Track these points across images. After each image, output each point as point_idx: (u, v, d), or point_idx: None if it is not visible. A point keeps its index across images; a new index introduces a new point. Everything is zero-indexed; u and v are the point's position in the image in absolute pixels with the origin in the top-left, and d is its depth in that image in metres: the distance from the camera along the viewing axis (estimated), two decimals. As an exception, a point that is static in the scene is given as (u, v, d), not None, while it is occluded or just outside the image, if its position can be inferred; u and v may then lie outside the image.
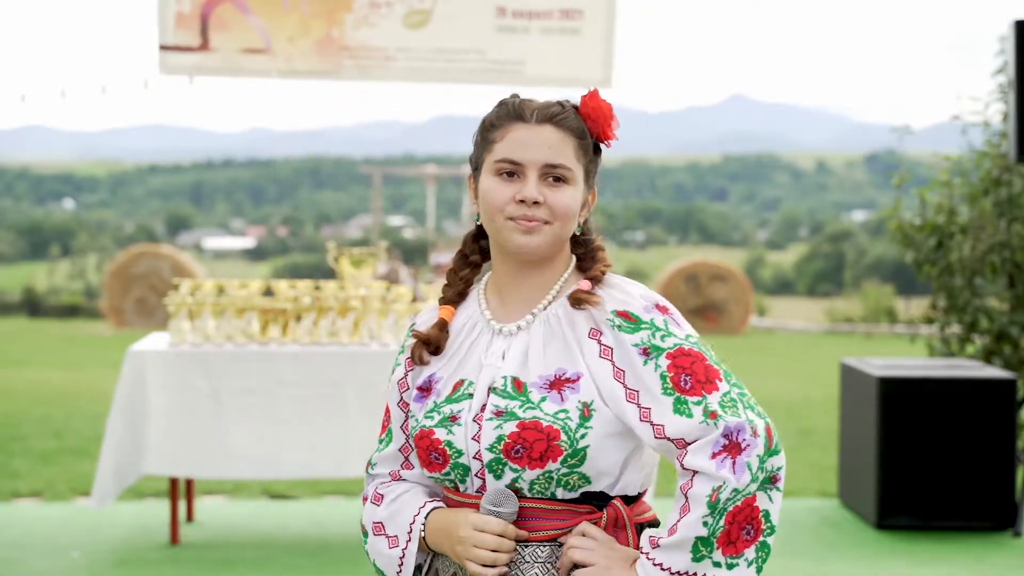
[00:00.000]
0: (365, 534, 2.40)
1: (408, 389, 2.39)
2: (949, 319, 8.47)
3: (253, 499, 7.37)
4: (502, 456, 2.21)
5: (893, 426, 6.55)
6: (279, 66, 6.66)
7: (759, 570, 2.19)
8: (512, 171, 2.28)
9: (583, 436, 2.20)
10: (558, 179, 2.27)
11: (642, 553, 2.19)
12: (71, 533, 6.41)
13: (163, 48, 6.60)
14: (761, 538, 2.18)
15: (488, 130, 2.32)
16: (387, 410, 2.43)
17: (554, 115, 2.28)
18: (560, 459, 2.19)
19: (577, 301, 2.25)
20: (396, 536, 2.33)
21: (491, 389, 2.26)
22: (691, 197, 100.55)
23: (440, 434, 2.26)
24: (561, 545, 2.24)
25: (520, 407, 2.22)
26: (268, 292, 6.35)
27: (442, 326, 2.36)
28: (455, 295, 2.40)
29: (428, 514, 2.31)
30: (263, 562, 5.95)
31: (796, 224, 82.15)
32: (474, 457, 2.23)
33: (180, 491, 6.29)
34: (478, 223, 2.38)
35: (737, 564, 2.16)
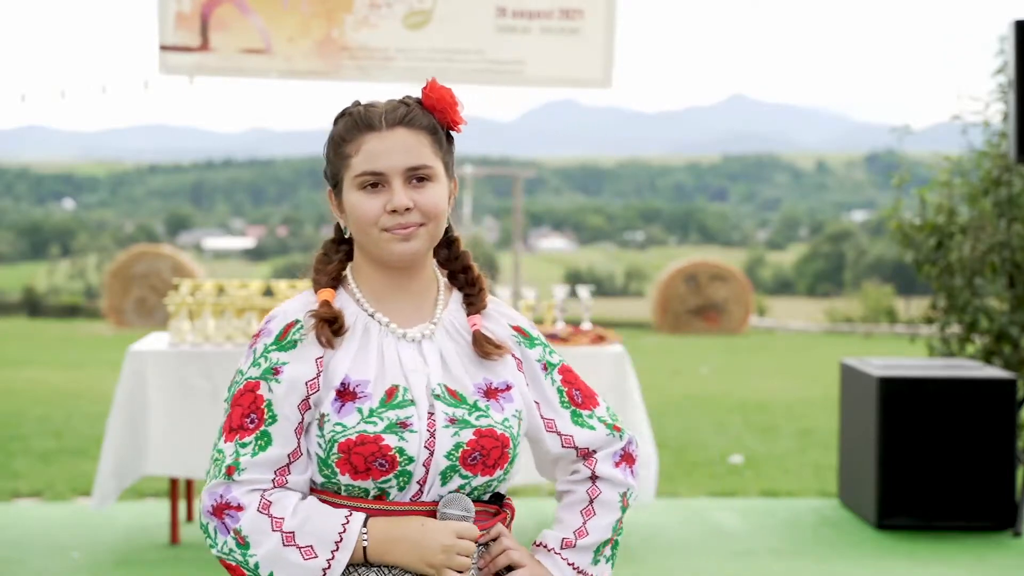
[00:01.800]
0: (245, 545, 2.20)
1: (318, 391, 2.25)
2: (949, 319, 8.47)
3: (253, 499, 7.36)
4: (457, 463, 2.23)
5: (893, 426, 6.55)
6: (279, 66, 6.66)
7: (613, 566, 2.41)
8: (375, 182, 2.26)
9: (518, 443, 2.31)
10: (422, 179, 2.28)
11: (550, 552, 2.35)
12: (71, 533, 6.41)
13: (163, 48, 6.60)
14: (616, 537, 2.41)
15: (340, 145, 2.30)
16: (255, 410, 2.24)
17: (403, 116, 2.28)
18: (505, 466, 2.28)
19: (486, 354, 2.31)
20: (311, 546, 2.19)
21: (434, 396, 2.26)
22: (691, 197, 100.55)
23: (390, 440, 2.20)
24: (481, 546, 2.30)
25: (470, 414, 2.25)
26: (268, 292, 6.35)
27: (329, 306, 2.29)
28: (330, 280, 2.34)
29: (364, 522, 2.22)
30: (263, 562, 5.94)
31: (796, 224, 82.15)
32: (422, 464, 2.22)
33: (180, 491, 6.29)
34: (347, 236, 2.36)
35: (599, 560, 2.39)
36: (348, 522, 2.21)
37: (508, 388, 2.31)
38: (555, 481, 2.44)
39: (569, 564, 2.34)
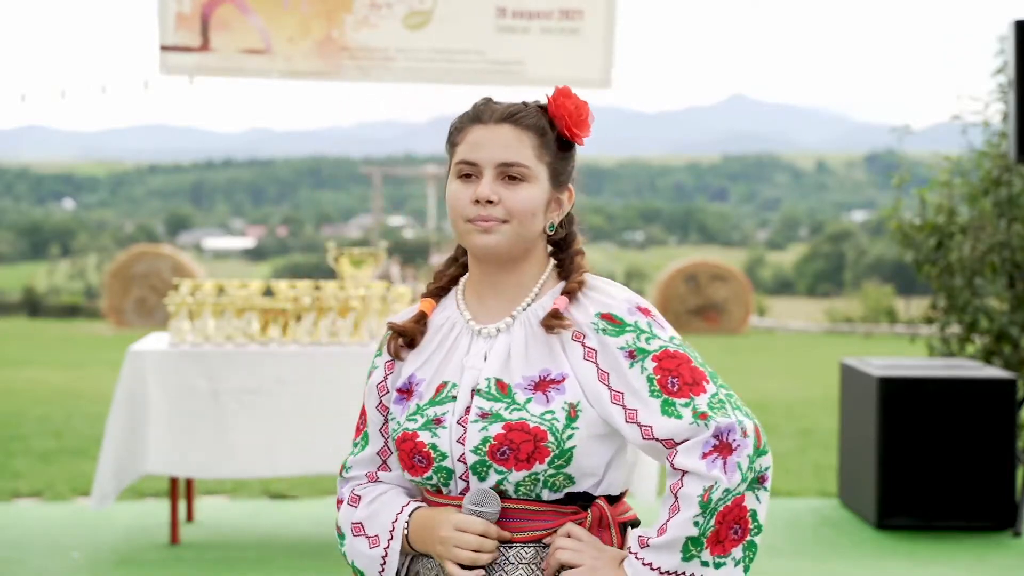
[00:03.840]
0: (342, 536, 2.38)
1: (388, 392, 2.36)
2: (949, 319, 8.47)
3: (253, 499, 7.37)
4: (487, 458, 2.20)
5: (893, 426, 6.55)
6: (279, 66, 6.66)
7: (747, 569, 2.21)
8: (470, 173, 2.28)
9: (570, 437, 2.20)
10: (514, 178, 2.26)
11: (630, 552, 2.20)
12: (71, 533, 6.41)
13: (163, 48, 6.60)
14: (748, 537, 2.19)
15: (452, 135, 2.33)
16: (363, 413, 2.42)
17: (513, 114, 2.28)
18: (547, 460, 2.20)
19: (549, 327, 2.25)
20: (376, 536, 2.31)
21: (475, 391, 2.25)
22: (691, 197, 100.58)
23: (424, 437, 2.25)
24: (546, 546, 2.24)
25: (505, 408, 2.22)
26: (268, 292, 6.35)
27: (419, 319, 2.36)
28: (437, 289, 2.39)
29: (411, 513, 2.29)
30: (263, 562, 5.95)
31: (796, 224, 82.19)
32: (458, 460, 2.23)
33: (180, 491, 6.29)
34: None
35: (724, 563, 2.18)
36: (402, 511, 2.30)
37: (563, 379, 2.23)
38: None
39: (645, 564, 2.17)
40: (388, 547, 2.29)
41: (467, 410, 2.24)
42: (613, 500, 2.29)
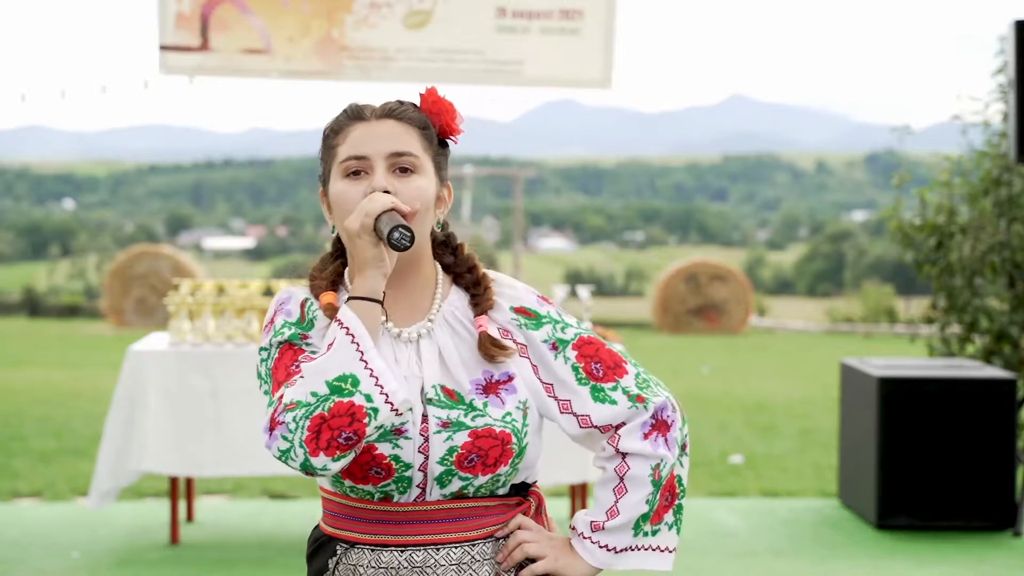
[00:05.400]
0: (295, 407, 2.08)
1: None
2: (949, 319, 8.47)
3: (253, 499, 7.37)
4: (453, 467, 2.18)
5: (893, 426, 6.55)
6: (279, 66, 6.66)
7: (679, 531, 2.31)
8: (359, 169, 2.22)
9: (525, 435, 2.24)
10: (405, 169, 2.22)
11: (580, 536, 2.27)
12: (71, 533, 6.41)
13: (163, 48, 6.60)
14: (677, 501, 2.30)
15: (329, 137, 2.28)
16: (296, 359, 2.17)
17: (393, 110, 2.26)
18: (510, 461, 2.22)
19: (491, 357, 2.23)
20: (328, 344, 2.10)
21: (426, 400, 2.21)
22: (691, 197, 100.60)
23: (384, 449, 2.16)
24: (498, 539, 2.27)
25: (466, 415, 2.19)
26: (268, 292, 6.35)
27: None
28: (328, 284, 2.27)
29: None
30: (263, 562, 5.95)
31: (796, 224, 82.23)
32: (418, 469, 2.19)
33: (180, 491, 6.29)
34: (335, 236, 2.30)
35: (659, 529, 2.28)
36: (339, 319, 2.13)
37: (510, 379, 2.24)
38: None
39: (602, 547, 2.25)
40: (347, 327, 2.10)
41: (424, 418, 2.19)
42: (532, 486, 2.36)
